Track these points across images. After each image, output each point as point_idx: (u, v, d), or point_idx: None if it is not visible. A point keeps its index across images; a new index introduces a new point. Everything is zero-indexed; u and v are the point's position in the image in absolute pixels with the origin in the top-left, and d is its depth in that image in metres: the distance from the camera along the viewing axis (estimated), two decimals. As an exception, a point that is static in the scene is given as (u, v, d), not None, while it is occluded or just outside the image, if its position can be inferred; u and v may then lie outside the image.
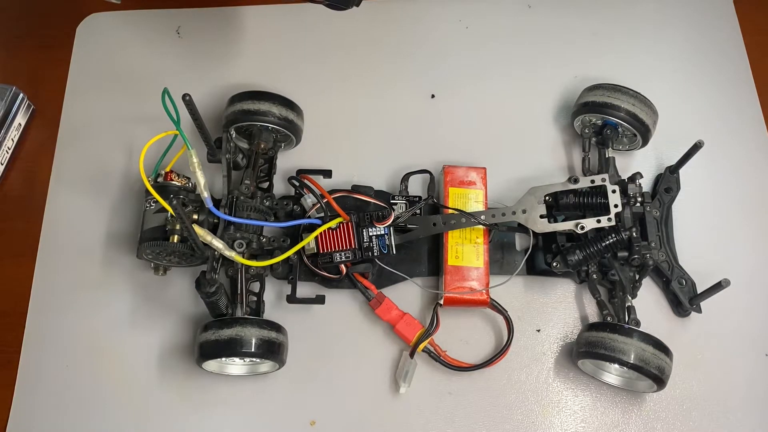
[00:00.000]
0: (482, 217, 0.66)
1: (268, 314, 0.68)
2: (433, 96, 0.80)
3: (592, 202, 0.65)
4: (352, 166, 0.75)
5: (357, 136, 0.78)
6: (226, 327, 0.61)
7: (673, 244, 0.69)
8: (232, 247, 0.64)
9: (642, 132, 0.70)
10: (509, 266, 0.69)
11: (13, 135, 0.78)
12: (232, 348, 0.61)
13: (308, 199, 0.69)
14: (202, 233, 0.62)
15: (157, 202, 0.63)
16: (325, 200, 0.66)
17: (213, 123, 0.76)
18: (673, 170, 0.72)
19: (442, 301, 0.66)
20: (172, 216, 0.63)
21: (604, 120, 0.71)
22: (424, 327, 0.66)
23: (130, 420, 0.66)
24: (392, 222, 0.65)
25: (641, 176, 0.67)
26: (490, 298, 0.66)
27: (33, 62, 0.84)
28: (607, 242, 0.64)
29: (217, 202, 0.65)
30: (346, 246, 0.65)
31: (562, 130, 0.77)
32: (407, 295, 0.69)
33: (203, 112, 0.64)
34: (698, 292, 0.66)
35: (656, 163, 0.75)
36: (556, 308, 0.70)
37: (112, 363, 0.68)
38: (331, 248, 0.65)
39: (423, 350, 0.66)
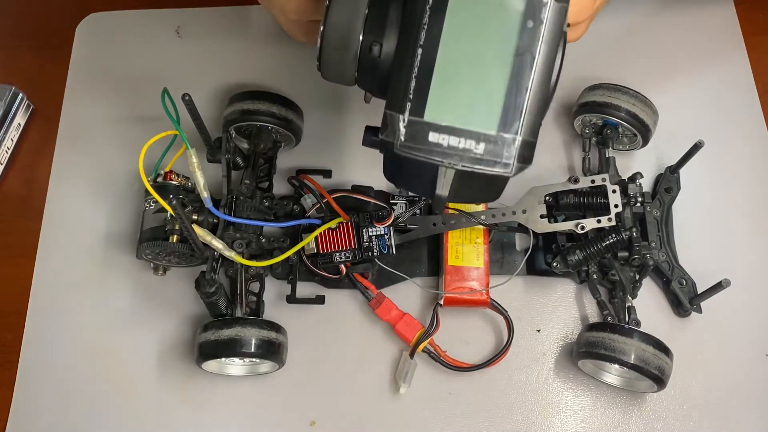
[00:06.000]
0: (482, 217, 0.66)
1: (268, 314, 0.68)
2: (433, 96, 0.79)
3: (593, 202, 0.65)
4: (352, 166, 0.75)
5: (357, 135, 0.77)
6: (226, 327, 0.61)
7: (674, 244, 0.69)
8: (231, 248, 0.64)
9: (642, 132, 0.70)
10: (509, 266, 0.69)
11: (13, 135, 0.78)
12: (232, 348, 0.61)
13: (308, 199, 0.69)
14: (202, 233, 0.62)
15: (156, 202, 0.63)
16: (325, 200, 0.66)
17: (213, 123, 0.76)
18: (673, 170, 0.72)
19: (442, 301, 0.66)
20: (171, 216, 0.63)
21: (604, 120, 0.71)
22: (424, 327, 0.66)
23: (130, 420, 0.66)
24: (392, 222, 0.65)
25: (641, 176, 0.67)
26: (490, 299, 0.66)
27: (33, 62, 0.84)
28: (608, 242, 0.64)
29: (216, 202, 0.65)
30: (346, 246, 0.65)
31: (562, 130, 0.77)
32: (407, 295, 0.69)
33: (203, 112, 0.64)
34: (698, 292, 0.66)
35: (656, 163, 0.75)
36: (556, 308, 0.69)
37: (112, 363, 0.68)
38: (331, 248, 0.64)
39: (423, 350, 0.65)
